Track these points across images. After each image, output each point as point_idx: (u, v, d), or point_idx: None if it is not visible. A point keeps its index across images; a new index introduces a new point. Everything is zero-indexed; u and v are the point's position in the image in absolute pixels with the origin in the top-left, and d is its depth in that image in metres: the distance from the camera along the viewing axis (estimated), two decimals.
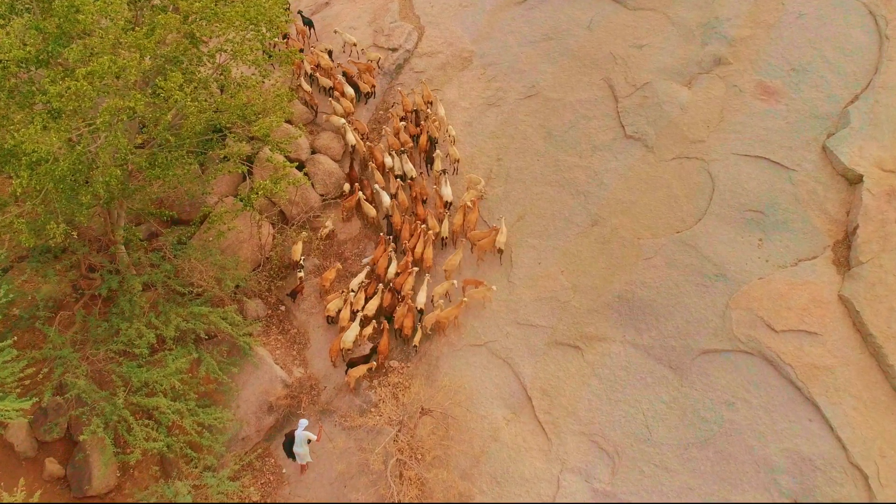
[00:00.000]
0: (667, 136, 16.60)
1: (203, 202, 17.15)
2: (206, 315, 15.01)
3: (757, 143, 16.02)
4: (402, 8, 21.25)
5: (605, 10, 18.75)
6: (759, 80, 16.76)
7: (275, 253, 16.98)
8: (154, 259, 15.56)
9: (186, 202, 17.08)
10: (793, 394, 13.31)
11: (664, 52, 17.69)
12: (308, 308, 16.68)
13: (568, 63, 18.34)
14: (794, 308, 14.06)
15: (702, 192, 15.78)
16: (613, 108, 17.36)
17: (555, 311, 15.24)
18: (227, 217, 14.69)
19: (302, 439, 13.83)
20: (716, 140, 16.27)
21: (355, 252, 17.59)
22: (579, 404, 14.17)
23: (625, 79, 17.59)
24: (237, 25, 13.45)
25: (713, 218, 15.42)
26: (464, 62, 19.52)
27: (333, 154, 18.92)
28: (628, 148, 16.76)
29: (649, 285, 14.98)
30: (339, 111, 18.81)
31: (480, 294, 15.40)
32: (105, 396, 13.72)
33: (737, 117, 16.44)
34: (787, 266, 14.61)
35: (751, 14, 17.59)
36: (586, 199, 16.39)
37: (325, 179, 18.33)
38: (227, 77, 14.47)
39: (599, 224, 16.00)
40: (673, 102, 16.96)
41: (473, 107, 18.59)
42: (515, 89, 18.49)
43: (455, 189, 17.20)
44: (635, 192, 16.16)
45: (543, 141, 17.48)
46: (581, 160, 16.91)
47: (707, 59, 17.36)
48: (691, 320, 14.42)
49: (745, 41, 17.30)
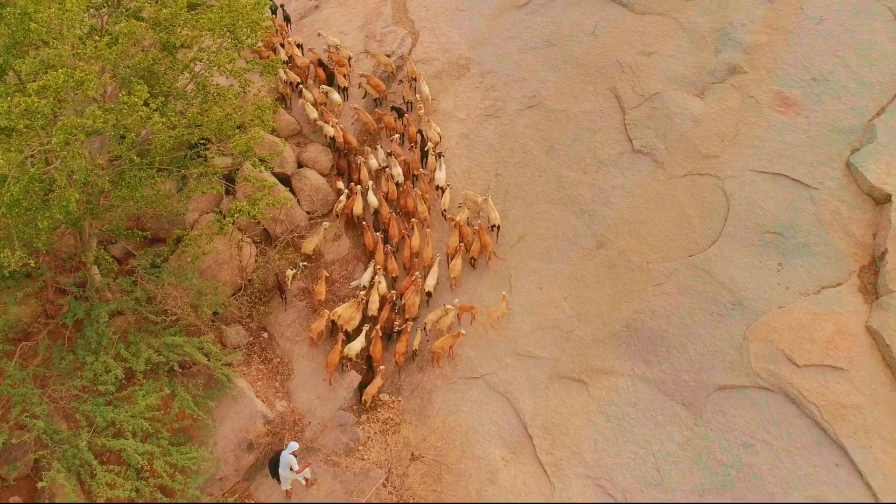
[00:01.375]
0: (678, 151, 15.61)
1: (182, 220, 16.18)
2: (181, 345, 14.02)
3: (775, 158, 15.04)
4: (395, 11, 20.27)
5: (611, 15, 17.75)
6: (776, 90, 15.77)
7: (257, 275, 15.96)
8: (125, 284, 14.56)
9: (164, 220, 16.10)
10: (817, 435, 12.32)
11: (674, 60, 16.70)
12: (292, 335, 15.69)
13: (571, 71, 17.35)
14: (818, 340, 13.08)
15: (716, 212, 14.79)
16: (620, 121, 16.37)
17: (557, 341, 14.25)
18: (202, 240, 13.70)
19: (285, 463, 12.84)
20: (731, 155, 15.28)
21: (343, 275, 16.59)
22: (584, 444, 13.17)
23: (632, 88, 16.60)
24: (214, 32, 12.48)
25: (728, 240, 14.43)
26: (460, 70, 18.53)
27: (321, 168, 17.95)
28: (636, 163, 15.76)
29: (659, 314, 14.00)
30: (310, 98, 18.36)
31: (498, 312, 14.51)
32: (68, 437, 12.71)
33: (753, 131, 15.45)
34: (810, 294, 13.62)
35: (767, 19, 16.59)
36: (591, 218, 15.40)
37: (312, 196, 17.34)
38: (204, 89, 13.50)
39: (605, 246, 15.01)
40: (684, 114, 15.96)
41: (470, 118, 17.60)
42: (515, 99, 17.50)
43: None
44: (644, 211, 15.17)
45: (545, 155, 16.48)
46: (585, 176, 15.91)
47: (721, 67, 16.36)
48: (706, 353, 13.43)
49: (762, 48, 16.31)
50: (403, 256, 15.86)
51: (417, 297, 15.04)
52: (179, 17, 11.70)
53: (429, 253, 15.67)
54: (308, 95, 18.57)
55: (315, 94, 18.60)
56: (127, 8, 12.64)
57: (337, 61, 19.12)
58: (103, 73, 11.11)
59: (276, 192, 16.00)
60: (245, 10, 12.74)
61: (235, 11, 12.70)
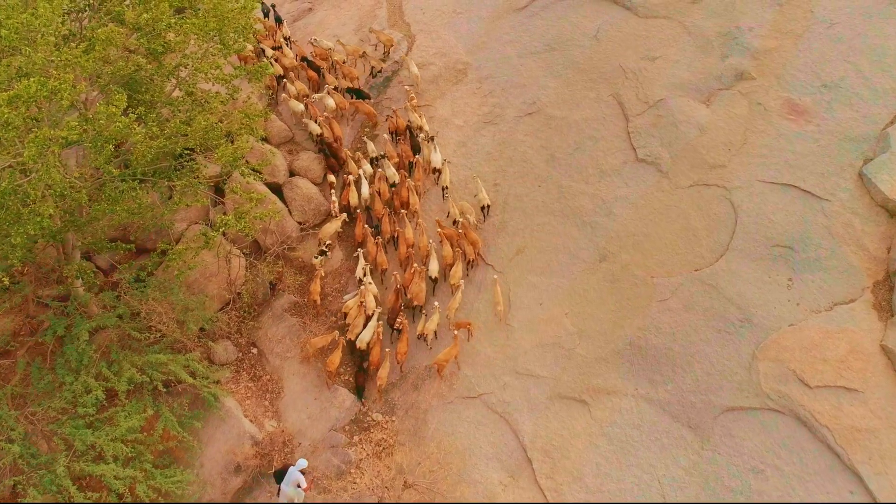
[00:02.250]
0: (683, 161, 15.12)
1: (169, 231, 15.68)
2: (165, 364, 13.52)
3: (785, 168, 14.54)
4: (390, 14, 19.78)
5: (613, 18, 17.25)
6: (786, 97, 15.27)
7: (246, 289, 15.45)
8: (108, 299, 14.05)
9: (151, 230, 15.60)
10: (831, 460, 11.83)
11: (679, 66, 16.21)
12: (283, 352, 15.19)
13: (573, 77, 16.85)
14: (831, 360, 12.59)
15: (723, 225, 14.29)
16: (623, 128, 15.88)
17: (558, 359, 13.76)
18: (187, 255, 13.19)
19: (292, 480, 12.34)
20: (738, 165, 14.79)
21: (336, 287, 16.09)
22: (586, 468, 12.68)
23: (636, 95, 16.10)
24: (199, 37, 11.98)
25: (736, 254, 13.94)
26: (458, 75, 18.04)
27: (314, 177, 17.45)
28: (640, 173, 15.27)
29: (665, 331, 13.51)
30: (293, 93, 17.99)
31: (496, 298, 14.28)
32: (45, 462, 12.20)
33: (762, 139, 14.95)
34: (822, 311, 13.13)
35: (776, 23, 16.09)
36: (593, 230, 14.90)
37: (304, 206, 16.84)
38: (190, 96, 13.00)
39: (608, 260, 14.51)
40: (690, 122, 15.46)
41: (468, 125, 17.10)
42: (514, 106, 17.00)
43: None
44: (648, 223, 14.67)
45: (545, 164, 15.99)
46: (587, 186, 15.41)
47: (728, 73, 15.86)
48: (713, 372, 12.94)
49: (770, 53, 15.81)
50: (399, 253, 15.50)
51: (423, 283, 14.73)
52: (162, 21, 11.18)
53: (423, 242, 15.37)
54: (291, 89, 18.16)
55: (298, 87, 18.18)
56: (108, 11, 12.11)
57: (318, 54, 18.86)
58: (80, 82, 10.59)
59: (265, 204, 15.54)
60: (232, 14, 12.23)
61: (221, 16, 12.18)
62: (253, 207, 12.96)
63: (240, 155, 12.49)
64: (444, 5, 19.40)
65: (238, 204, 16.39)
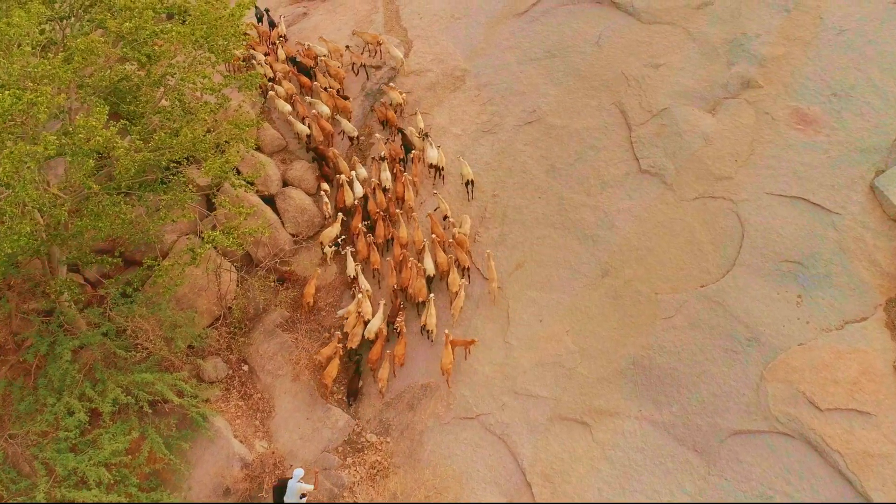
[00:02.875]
0: (688, 172, 14.69)
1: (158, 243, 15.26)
2: (152, 383, 13.09)
3: (793, 180, 14.12)
4: (387, 19, 19.37)
5: (615, 24, 16.83)
6: (794, 106, 14.85)
7: (237, 304, 15.03)
8: (93, 316, 13.63)
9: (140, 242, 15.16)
10: (842, 487, 11.43)
11: (684, 73, 15.78)
12: (274, 369, 14.77)
13: (574, 84, 16.43)
14: (842, 382, 12.16)
15: (730, 239, 13.87)
16: (626, 138, 15.46)
17: (559, 378, 13.32)
18: (173, 271, 12.77)
19: (294, 491, 11.92)
20: (745, 177, 14.37)
21: (329, 302, 15.66)
22: (587, 493, 12.25)
23: (639, 103, 15.68)
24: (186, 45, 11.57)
25: (743, 269, 13.52)
26: (456, 82, 17.62)
27: (308, 187, 17.04)
28: (643, 185, 14.85)
29: (669, 350, 13.08)
30: (282, 94, 17.76)
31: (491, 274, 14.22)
32: (25, 488, 11.79)
33: (769, 150, 14.52)
34: (832, 329, 12.70)
35: (783, 29, 15.66)
36: (595, 244, 14.47)
37: (297, 217, 16.43)
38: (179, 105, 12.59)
39: (610, 275, 14.09)
40: (695, 132, 15.04)
41: (466, 134, 16.68)
42: (514, 114, 16.58)
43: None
44: (652, 237, 14.25)
45: (546, 175, 15.56)
46: (589, 198, 14.99)
47: (734, 81, 15.44)
48: (719, 393, 12.51)
49: (778, 61, 15.38)
50: (394, 254, 15.19)
51: (422, 279, 14.49)
52: (146, 29, 10.76)
53: (418, 237, 15.16)
54: (279, 90, 17.86)
55: (286, 87, 17.89)
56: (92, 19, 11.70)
57: (306, 54, 18.63)
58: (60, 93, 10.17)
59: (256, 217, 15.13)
60: (219, 21, 11.81)
61: (210, 23, 11.76)
62: (242, 222, 12.51)
63: (229, 167, 12.06)
64: (441, 10, 19.00)
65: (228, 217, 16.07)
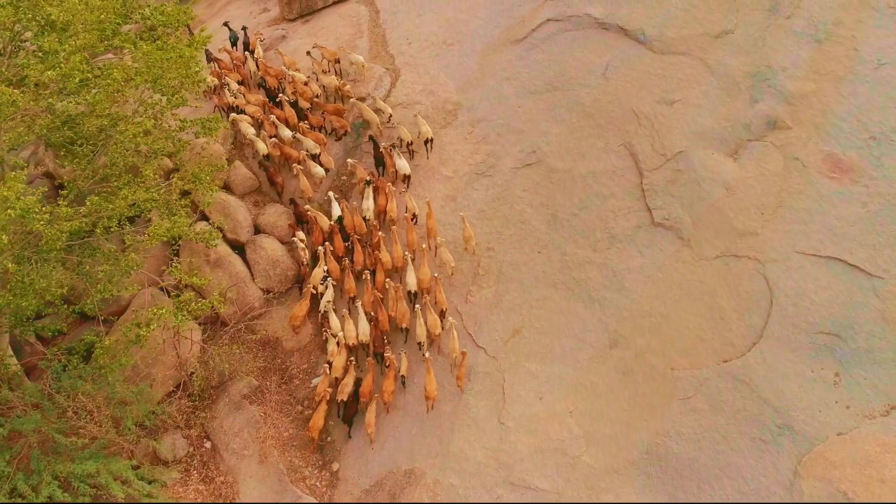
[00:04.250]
0: (708, 226, 13.15)
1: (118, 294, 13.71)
2: (95, 474, 11.56)
3: (828, 237, 12.58)
4: (372, 45, 17.85)
5: (625, 53, 15.29)
6: (827, 151, 13.32)
7: (198, 375, 13.51)
8: (30, 394, 12.10)
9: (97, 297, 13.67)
10: None
11: (702, 111, 14.24)
12: (239, 448, 13.26)
13: (578, 122, 14.89)
14: (890, 480, 10.66)
15: (756, 305, 12.34)
16: (637, 185, 13.93)
17: (561, 468, 11.79)
18: (116, 350, 11.24)
19: None
20: (773, 233, 12.82)
21: (304, 368, 14.14)
22: None
23: (651, 145, 14.14)
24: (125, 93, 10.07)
25: (772, 342, 11.98)
26: (447, 116, 16.08)
27: (281, 233, 15.54)
28: (657, 239, 13.32)
29: (688, 437, 11.56)
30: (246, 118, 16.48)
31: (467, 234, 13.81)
32: None
33: (800, 202, 12.99)
34: (876, 416, 11.18)
35: (814, 62, 14.12)
36: (602, 309, 12.94)
37: (269, 270, 14.91)
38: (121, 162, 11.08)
39: (620, 345, 12.56)
40: (715, 179, 13.50)
41: (458, 176, 15.15)
42: (511, 154, 15.05)
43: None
44: (667, 301, 12.71)
45: (547, 226, 14.04)
46: (595, 254, 13.46)
47: (758, 120, 13.90)
48: (747, 491, 11.01)
49: (808, 98, 13.84)
50: (377, 281, 14.11)
51: (403, 301, 13.64)
52: (74, 77, 9.24)
53: (398, 252, 14.17)
54: (245, 117, 16.53)
55: (251, 111, 16.57)
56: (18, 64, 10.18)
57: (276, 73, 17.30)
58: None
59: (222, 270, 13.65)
60: (168, 63, 10.29)
61: (156, 65, 10.25)
62: (194, 298, 10.98)
63: (177, 233, 10.54)
64: (432, 35, 17.47)
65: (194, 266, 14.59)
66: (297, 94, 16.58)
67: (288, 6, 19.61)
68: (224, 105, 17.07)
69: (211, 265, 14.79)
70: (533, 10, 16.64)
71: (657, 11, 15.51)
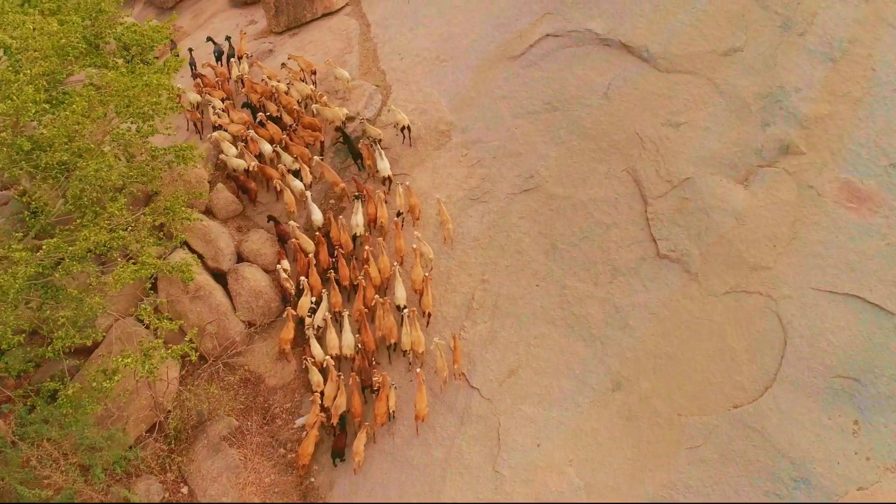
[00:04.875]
0: (717, 259, 12.42)
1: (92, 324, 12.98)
2: None
3: (845, 273, 11.87)
4: (362, 60, 17.12)
5: (627, 72, 14.55)
6: (844, 179, 12.60)
7: (174, 416, 12.77)
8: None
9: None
10: None
11: (710, 134, 13.51)
12: (218, 494, 12.54)
13: (578, 144, 14.16)
14: None
15: (769, 346, 11.62)
16: (641, 213, 13.20)
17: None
18: (82, 396, 10.51)
19: None
20: (786, 267, 12.10)
21: (287, 407, 13.41)
22: None
23: (656, 171, 13.41)
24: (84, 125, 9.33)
25: (786, 386, 11.28)
26: (440, 137, 15.36)
27: (265, 262, 14.82)
28: (663, 273, 12.59)
29: (696, 490, 10.87)
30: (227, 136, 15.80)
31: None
32: None
33: (815, 233, 12.26)
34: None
35: (829, 83, 13.38)
36: (604, 348, 12.21)
37: (251, 302, 14.17)
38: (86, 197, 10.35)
39: (623, 388, 11.84)
40: (724, 208, 12.76)
41: (451, 201, 14.42)
42: (508, 179, 14.32)
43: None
44: (673, 341, 11.99)
45: (545, 257, 13.31)
46: (597, 289, 12.73)
47: (770, 145, 13.17)
48: None
49: (823, 121, 13.11)
50: (367, 298, 13.50)
51: (391, 315, 13.07)
52: (28, 112, 8.51)
53: (384, 263, 13.62)
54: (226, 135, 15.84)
55: (234, 129, 15.88)
56: None
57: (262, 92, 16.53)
58: None
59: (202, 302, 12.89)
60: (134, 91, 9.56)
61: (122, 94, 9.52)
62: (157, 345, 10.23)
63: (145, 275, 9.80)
64: (425, 50, 16.74)
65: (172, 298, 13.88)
66: (281, 110, 15.93)
67: (275, 18, 18.88)
68: (196, 120, 16.57)
69: (190, 296, 14.05)
70: (531, 25, 15.89)
71: (662, 27, 14.77)
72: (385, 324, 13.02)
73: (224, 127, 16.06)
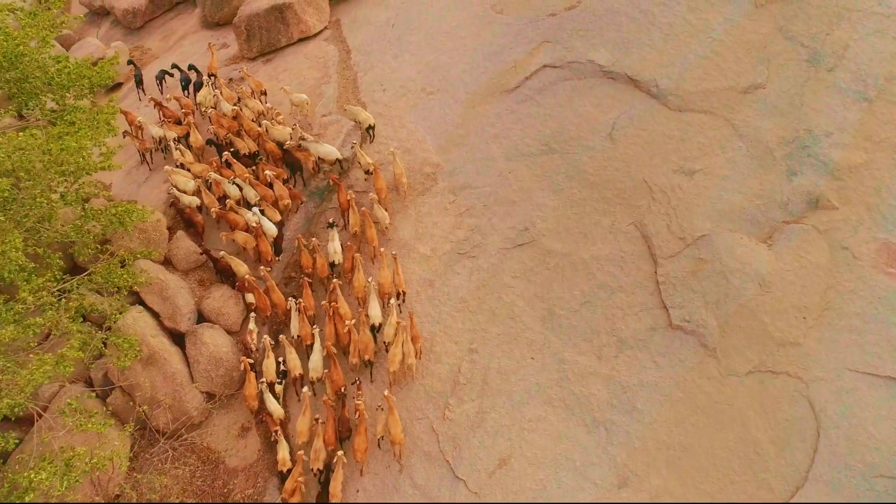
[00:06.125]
0: (738, 332, 10.97)
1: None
2: None
3: (887, 351, 10.43)
4: (341, 91, 15.67)
5: (634, 109, 13.12)
6: (883, 239, 11.16)
7: (128, 495, 11.34)
8: None
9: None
10: None
11: (728, 184, 12.06)
12: None
13: (579, 193, 12.72)
14: None
15: (799, 438, 10.17)
16: (651, 275, 11.74)
17: None
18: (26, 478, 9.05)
19: None
20: (818, 343, 10.65)
21: (249, 493, 11.93)
22: None
23: (667, 226, 11.96)
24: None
25: (821, 487, 9.83)
26: (425, 181, 13.92)
27: (228, 322, 13.42)
28: (676, 347, 11.13)
29: None
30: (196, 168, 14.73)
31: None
32: None
33: (851, 304, 10.82)
34: None
35: (864, 126, 11.94)
36: (609, 435, 10.75)
37: (211, 371, 12.75)
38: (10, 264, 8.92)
39: (631, 485, 10.37)
40: (745, 272, 11.31)
41: (436, 255, 12.97)
42: (500, 231, 12.88)
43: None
44: (688, 428, 10.53)
45: (541, 324, 11.86)
46: (600, 364, 11.28)
47: (797, 198, 11.72)
48: None
49: (858, 171, 11.67)
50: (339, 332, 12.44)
51: (366, 331, 12.19)
52: None
53: (360, 281, 12.70)
54: (183, 172, 14.64)
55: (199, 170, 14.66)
56: None
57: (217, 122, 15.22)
58: None
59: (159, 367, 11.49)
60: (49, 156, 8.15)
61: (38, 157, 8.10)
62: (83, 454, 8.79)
63: (64, 373, 8.37)
64: (410, 81, 15.30)
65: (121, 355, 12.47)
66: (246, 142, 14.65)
67: (247, 44, 17.43)
68: (145, 150, 15.58)
69: (143, 363, 12.63)
70: (527, 54, 14.47)
71: (673, 59, 13.34)
72: (363, 339, 12.16)
73: (186, 166, 14.69)
